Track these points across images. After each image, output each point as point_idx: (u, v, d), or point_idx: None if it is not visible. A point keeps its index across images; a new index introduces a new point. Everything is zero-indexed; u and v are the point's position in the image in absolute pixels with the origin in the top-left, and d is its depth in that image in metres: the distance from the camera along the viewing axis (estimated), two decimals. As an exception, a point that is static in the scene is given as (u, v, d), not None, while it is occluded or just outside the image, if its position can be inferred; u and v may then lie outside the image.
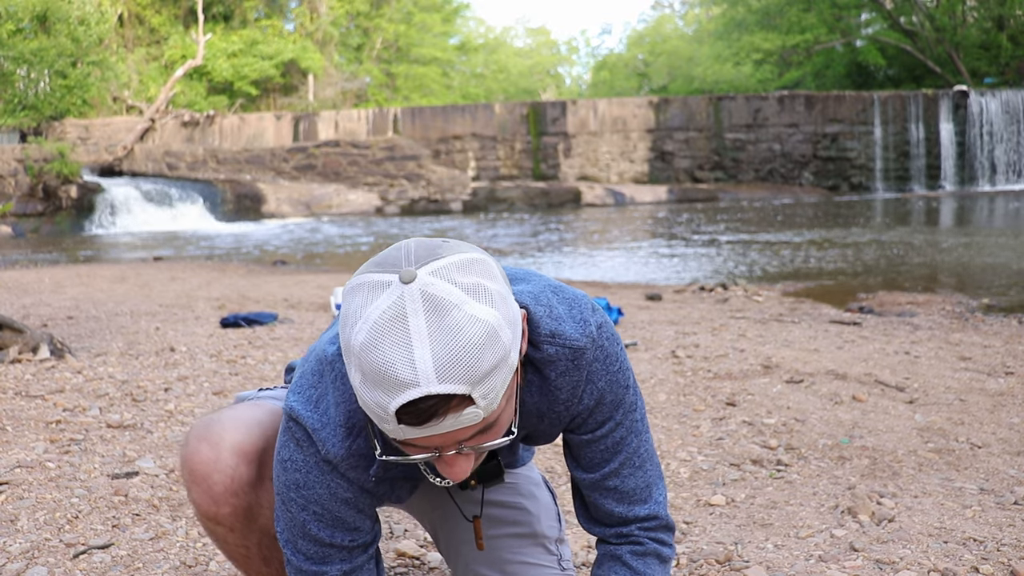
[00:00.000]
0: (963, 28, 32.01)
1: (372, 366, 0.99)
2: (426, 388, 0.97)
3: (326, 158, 26.18)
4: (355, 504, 1.28)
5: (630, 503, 1.41)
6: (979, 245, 12.22)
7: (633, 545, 1.43)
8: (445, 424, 1.02)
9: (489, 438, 1.10)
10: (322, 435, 1.22)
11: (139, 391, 3.72)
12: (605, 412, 1.34)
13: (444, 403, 1.00)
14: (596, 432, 1.36)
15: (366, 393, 1.01)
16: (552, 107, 27.82)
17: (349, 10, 34.98)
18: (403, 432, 1.03)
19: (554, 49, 55.72)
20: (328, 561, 1.30)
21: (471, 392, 1.00)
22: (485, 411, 1.03)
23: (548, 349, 1.24)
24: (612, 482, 1.39)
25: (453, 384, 0.98)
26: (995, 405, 3.56)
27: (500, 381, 1.03)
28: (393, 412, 1.00)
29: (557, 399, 1.30)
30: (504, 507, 1.64)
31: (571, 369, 1.27)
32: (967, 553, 2.10)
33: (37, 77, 25.21)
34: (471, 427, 1.05)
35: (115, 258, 14.20)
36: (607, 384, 1.31)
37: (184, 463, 1.38)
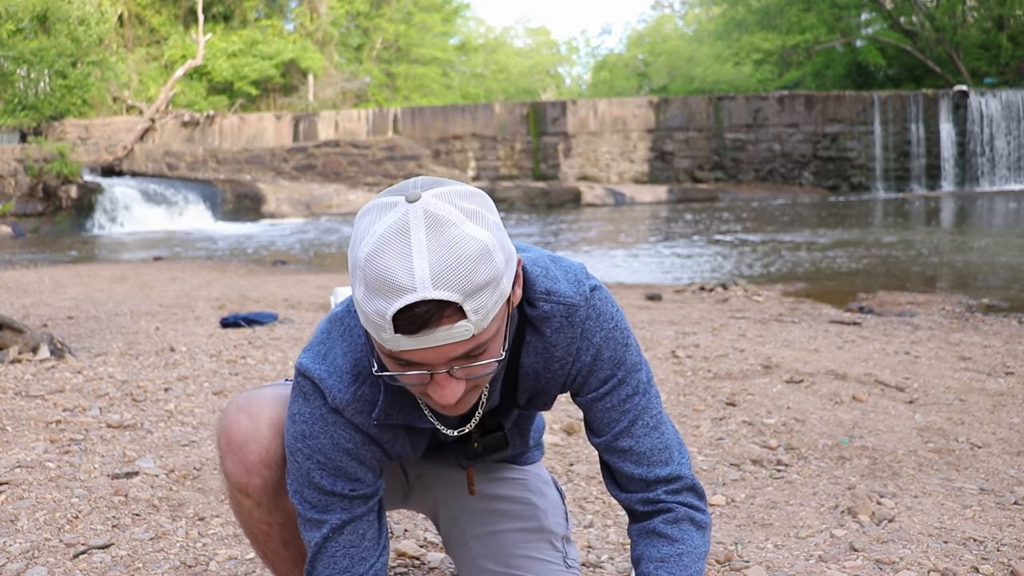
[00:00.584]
0: (963, 28, 32.01)
1: (374, 274, 1.06)
2: (422, 293, 1.05)
3: (326, 158, 26.18)
4: (356, 455, 1.34)
5: (649, 464, 1.39)
6: (979, 245, 12.22)
7: (664, 514, 1.40)
8: (438, 335, 1.08)
9: (479, 365, 1.15)
10: (328, 383, 1.30)
11: (139, 391, 3.72)
12: (606, 369, 1.36)
13: (437, 311, 1.06)
14: (599, 390, 1.37)
15: (367, 304, 1.08)
16: (552, 107, 27.82)
17: (349, 10, 34.98)
18: (399, 342, 1.09)
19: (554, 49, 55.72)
20: (330, 510, 1.35)
21: (463, 303, 1.07)
22: (476, 327, 1.09)
23: (543, 306, 1.31)
24: (625, 442, 1.39)
25: (447, 291, 1.05)
26: (995, 405, 3.56)
27: (491, 301, 1.10)
28: (390, 317, 1.06)
29: (553, 356, 1.34)
30: (512, 502, 1.65)
31: (566, 326, 1.32)
32: (967, 553, 2.10)
33: (37, 77, 25.21)
34: (462, 344, 1.10)
35: (115, 258, 14.21)
36: (603, 340, 1.34)
37: (222, 432, 1.44)
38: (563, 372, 1.37)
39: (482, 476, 1.68)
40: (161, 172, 25.61)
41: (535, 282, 1.31)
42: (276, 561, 1.54)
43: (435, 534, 2.32)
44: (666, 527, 1.40)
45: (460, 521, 1.67)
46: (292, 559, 1.53)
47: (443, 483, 1.68)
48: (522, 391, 1.41)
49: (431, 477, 1.69)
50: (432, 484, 1.68)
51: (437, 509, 1.70)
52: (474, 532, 1.64)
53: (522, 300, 1.32)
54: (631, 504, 1.43)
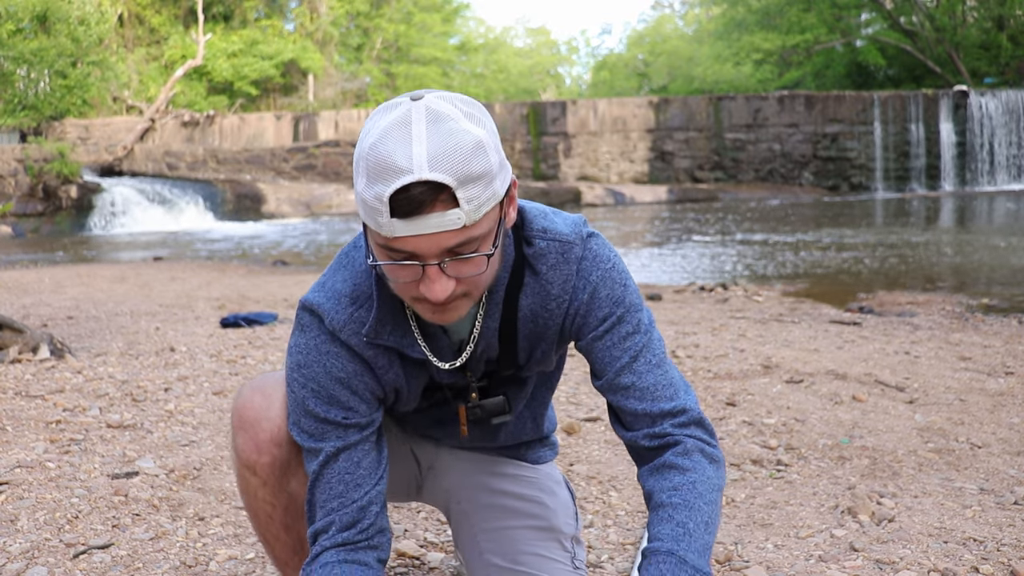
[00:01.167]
0: (963, 28, 32.02)
1: (375, 159, 1.14)
2: (418, 175, 1.11)
3: (326, 158, 26.17)
4: (349, 384, 1.38)
5: (653, 399, 1.38)
6: (979, 245, 12.22)
7: (672, 447, 1.37)
8: (430, 221, 1.14)
9: (469, 260, 1.20)
10: (326, 307, 1.36)
11: (139, 391, 3.72)
12: (604, 307, 1.38)
13: (432, 194, 1.12)
14: (598, 329, 1.39)
15: (368, 191, 1.15)
16: (552, 107, 27.83)
17: (349, 10, 34.98)
18: (394, 227, 1.14)
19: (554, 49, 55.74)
20: (325, 437, 1.39)
21: (456, 189, 1.13)
22: (467, 217, 1.15)
23: (539, 243, 1.37)
24: (627, 379, 1.38)
25: (441, 174, 1.12)
26: (995, 405, 3.56)
27: (484, 195, 1.15)
28: (387, 199, 1.12)
29: (549, 295, 1.38)
30: (523, 499, 1.65)
31: (561, 263, 1.37)
32: (967, 553, 2.10)
33: (37, 77, 25.21)
34: (453, 234, 1.15)
35: (115, 258, 14.21)
36: (600, 279, 1.38)
37: (236, 410, 1.47)
38: (560, 312, 1.39)
39: (493, 472, 1.68)
40: (161, 172, 25.61)
41: (532, 221, 1.38)
42: (276, 545, 1.55)
43: (435, 534, 2.32)
44: (676, 459, 1.36)
45: (470, 516, 1.67)
46: (292, 545, 1.54)
47: (455, 475, 1.69)
48: (521, 339, 1.42)
49: (443, 469, 1.69)
50: (443, 477, 1.69)
51: (448, 503, 1.71)
52: (483, 527, 1.65)
53: (520, 240, 1.37)
54: (637, 441, 1.40)
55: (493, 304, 1.39)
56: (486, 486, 1.66)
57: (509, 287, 1.38)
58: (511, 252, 1.37)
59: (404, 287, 1.24)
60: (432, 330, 1.39)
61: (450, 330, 1.41)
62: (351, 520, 1.38)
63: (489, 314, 1.39)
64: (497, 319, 1.40)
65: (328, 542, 1.39)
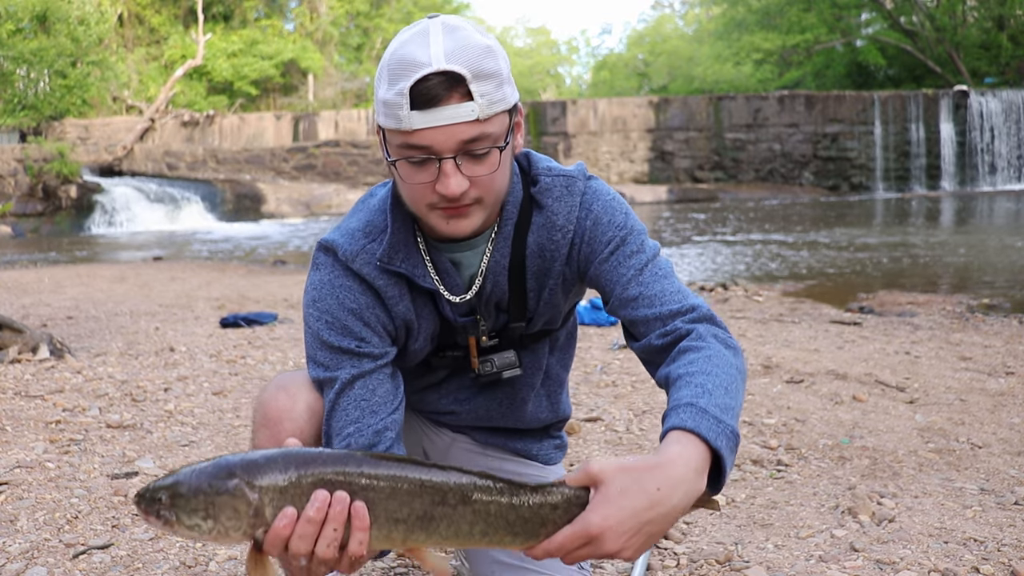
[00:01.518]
0: (963, 28, 32.01)
1: (396, 60, 1.26)
2: (436, 66, 1.23)
3: (326, 158, 26.17)
4: (361, 316, 1.43)
5: (662, 303, 1.37)
6: (979, 245, 12.22)
7: (686, 337, 1.33)
8: (446, 113, 1.24)
9: (482, 163, 1.28)
10: (340, 242, 1.45)
11: (139, 391, 3.72)
12: (608, 231, 1.44)
13: (448, 86, 1.23)
14: (604, 251, 1.43)
15: (389, 91, 1.26)
16: (552, 107, 27.82)
17: (349, 10, 34.99)
18: (413, 120, 1.24)
19: (554, 49, 55.76)
20: (339, 367, 1.43)
21: (470, 82, 1.24)
22: (480, 112, 1.25)
23: (544, 179, 1.46)
24: (634, 289, 1.39)
25: (457, 66, 1.23)
26: (995, 405, 3.56)
27: (496, 94, 1.27)
28: (408, 91, 1.23)
29: (555, 225, 1.45)
30: None
31: (565, 195, 1.45)
32: (967, 553, 2.10)
33: (37, 77, 25.20)
34: (467, 126, 1.25)
35: (115, 258, 14.20)
36: (602, 207, 1.45)
37: (260, 406, 1.49)
38: (565, 241, 1.45)
39: (505, 469, 1.68)
40: (161, 172, 25.61)
41: (538, 163, 1.49)
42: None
43: (435, 534, 2.31)
44: (689, 343, 1.32)
45: None
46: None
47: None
48: (529, 277, 1.47)
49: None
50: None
51: None
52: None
53: (526, 179, 1.47)
54: (650, 343, 1.36)
55: (502, 239, 1.45)
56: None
57: (517, 225, 1.44)
58: (519, 191, 1.45)
59: (420, 191, 1.30)
60: (443, 265, 1.44)
61: (460, 264, 1.46)
62: (367, 444, 1.40)
63: (498, 248, 1.45)
64: (507, 256, 1.45)
65: None
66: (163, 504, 1.03)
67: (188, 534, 1.04)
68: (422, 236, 1.45)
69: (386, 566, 2.13)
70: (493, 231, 1.45)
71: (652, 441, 3.12)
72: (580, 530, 1.07)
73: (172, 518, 1.03)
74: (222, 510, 1.03)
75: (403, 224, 1.43)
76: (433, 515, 1.10)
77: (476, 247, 1.45)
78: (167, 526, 1.04)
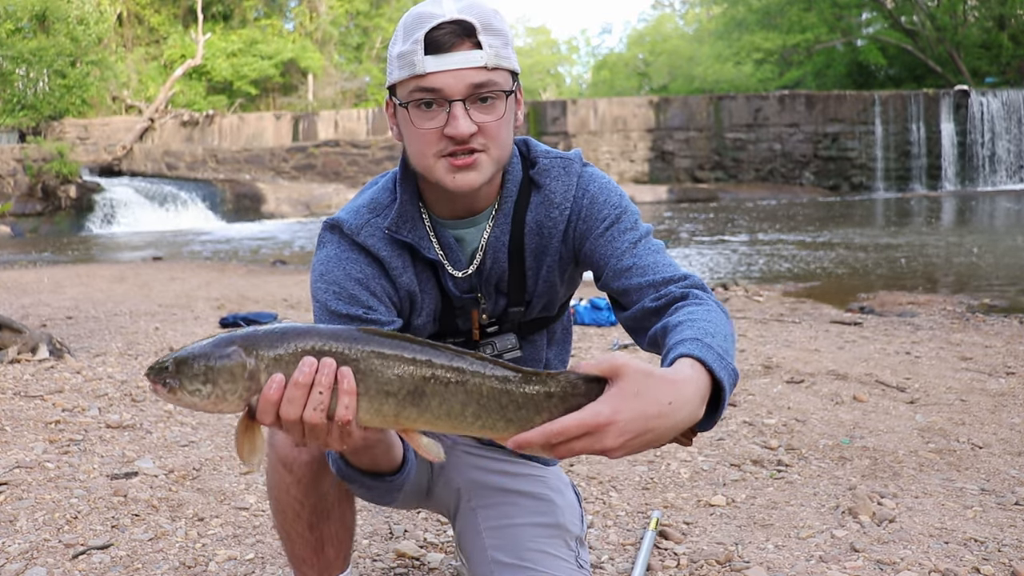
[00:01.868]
0: (964, 27, 32.01)
1: (411, 16, 1.36)
2: (448, 16, 1.33)
3: (326, 158, 26.16)
4: (367, 285, 1.47)
5: (655, 272, 1.41)
6: (980, 245, 12.22)
7: (680, 299, 1.36)
8: (457, 58, 1.32)
9: (489, 110, 1.35)
10: (345, 218, 1.50)
11: (138, 391, 3.72)
12: (604, 209, 1.50)
13: (459, 35, 1.32)
14: (600, 227, 1.48)
15: (404, 43, 1.35)
16: (552, 107, 27.82)
17: (349, 9, 34.98)
18: (426, 64, 1.32)
19: (554, 49, 55.74)
20: None
21: (479, 32, 1.33)
22: (488, 60, 1.33)
23: (543, 161, 1.53)
24: (628, 260, 1.44)
25: (467, 16, 1.33)
26: (996, 405, 3.56)
27: (502, 51, 1.35)
28: (423, 37, 1.32)
29: (552, 203, 1.51)
30: (530, 497, 1.66)
31: (563, 175, 1.52)
32: (968, 554, 2.10)
33: (36, 77, 25.20)
34: (476, 71, 1.33)
35: (114, 258, 14.20)
36: (598, 188, 1.51)
37: None
38: (563, 219, 1.50)
39: (504, 472, 1.69)
40: (160, 172, 25.60)
41: (537, 147, 1.55)
42: (298, 542, 1.56)
43: (435, 534, 2.31)
44: (687, 301, 1.35)
45: (477, 513, 1.67)
46: (313, 544, 1.55)
47: (466, 474, 1.70)
48: (528, 255, 1.51)
49: (454, 470, 1.70)
50: (455, 477, 1.70)
51: (458, 502, 1.71)
52: (489, 524, 1.65)
53: (526, 163, 1.53)
54: (643, 305, 1.39)
55: (502, 215, 1.50)
56: (499, 485, 1.67)
57: (517, 203, 1.50)
58: (519, 171, 1.51)
59: (428, 137, 1.36)
60: (446, 240, 1.49)
61: (463, 240, 1.50)
62: None
63: (498, 224, 1.50)
64: (506, 232, 1.50)
65: None
66: (168, 372, 1.09)
67: (190, 401, 1.09)
68: (426, 211, 1.50)
69: (386, 567, 2.13)
70: (494, 208, 1.50)
71: (652, 441, 3.11)
72: (588, 418, 1.06)
73: (175, 384, 1.09)
74: (220, 374, 1.09)
75: (410, 198, 1.48)
76: (424, 391, 1.11)
77: (477, 224, 1.50)
78: (171, 394, 1.10)
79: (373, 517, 2.40)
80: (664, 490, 2.63)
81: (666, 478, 2.73)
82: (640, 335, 1.42)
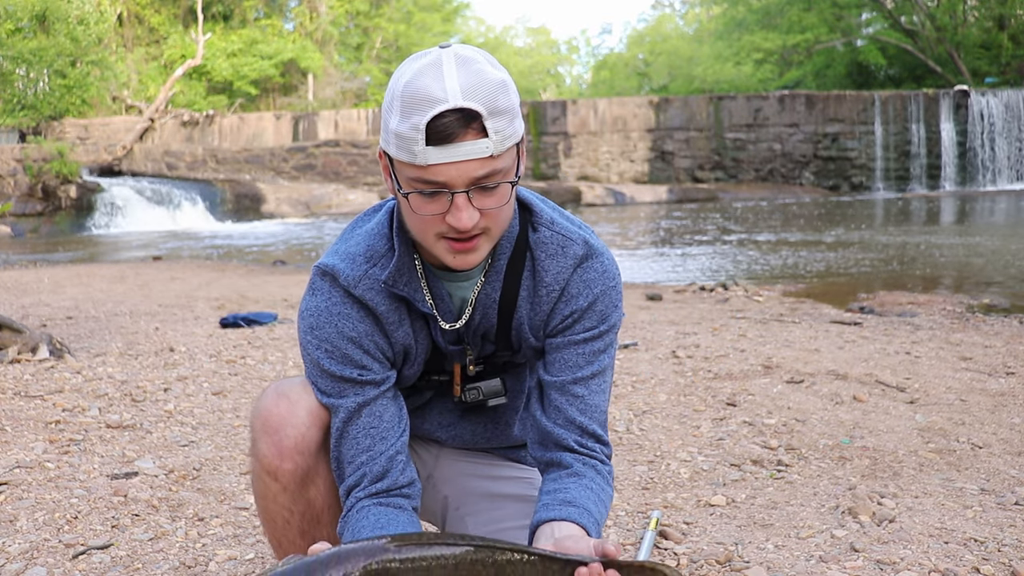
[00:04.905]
0: (964, 27, 32.01)
1: (411, 93, 1.24)
2: (453, 102, 1.22)
3: (326, 158, 26.16)
4: (360, 344, 1.44)
5: (590, 417, 1.48)
6: (980, 245, 12.22)
7: (592, 462, 1.48)
8: (462, 150, 1.24)
9: (493, 196, 1.30)
10: (340, 267, 1.44)
11: (138, 391, 3.72)
12: (593, 320, 1.47)
13: (464, 123, 1.23)
14: (580, 335, 1.47)
15: (403, 125, 1.25)
16: (552, 107, 27.81)
17: (349, 10, 34.97)
18: (428, 155, 1.24)
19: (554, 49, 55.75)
20: (343, 395, 1.45)
21: (486, 119, 1.24)
22: (495, 147, 1.25)
23: (544, 231, 1.46)
24: (580, 389, 1.47)
25: (473, 103, 1.23)
26: (996, 405, 3.56)
27: (509, 129, 1.27)
28: (424, 127, 1.23)
29: (542, 282, 1.46)
30: (521, 500, 1.66)
31: (558, 254, 1.46)
32: (968, 554, 2.10)
33: (36, 77, 25.19)
34: (481, 162, 1.25)
35: (114, 258, 14.20)
36: (602, 293, 1.47)
37: (259, 414, 1.49)
38: (549, 302, 1.46)
39: (493, 476, 1.68)
40: (160, 172, 25.59)
41: (541, 213, 1.47)
42: (290, 549, 1.56)
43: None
44: (589, 470, 1.47)
45: (466, 520, 1.67)
46: (305, 551, 1.54)
47: (454, 482, 1.69)
48: (517, 314, 1.49)
49: (442, 478, 1.70)
50: (443, 485, 1.70)
51: (446, 510, 1.71)
52: (478, 531, 1.64)
53: (526, 226, 1.47)
54: (566, 440, 1.48)
55: (494, 272, 1.46)
56: (486, 491, 1.66)
57: (511, 261, 1.46)
58: (515, 227, 1.45)
59: (429, 222, 1.31)
60: (438, 291, 1.46)
61: (454, 294, 1.48)
62: (381, 471, 1.43)
63: (489, 281, 1.46)
64: (497, 289, 1.47)
65: (362, 493, 1.44)
66: None
67: None
68: (420, 263, 1.46)
69: (386, 566, 2.13)
70: (487, 264, 1.46)
71: (652, 441, 3.11)
72: None
73: None
74: None
75: (406, 249, 1.43)
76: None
77: (471, 277, 1.47)
78: None
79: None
80: (664, 490, 2.63)
81: (666, 478, 2.73)
82: (540, 444, 1.50)
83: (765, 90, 31.36)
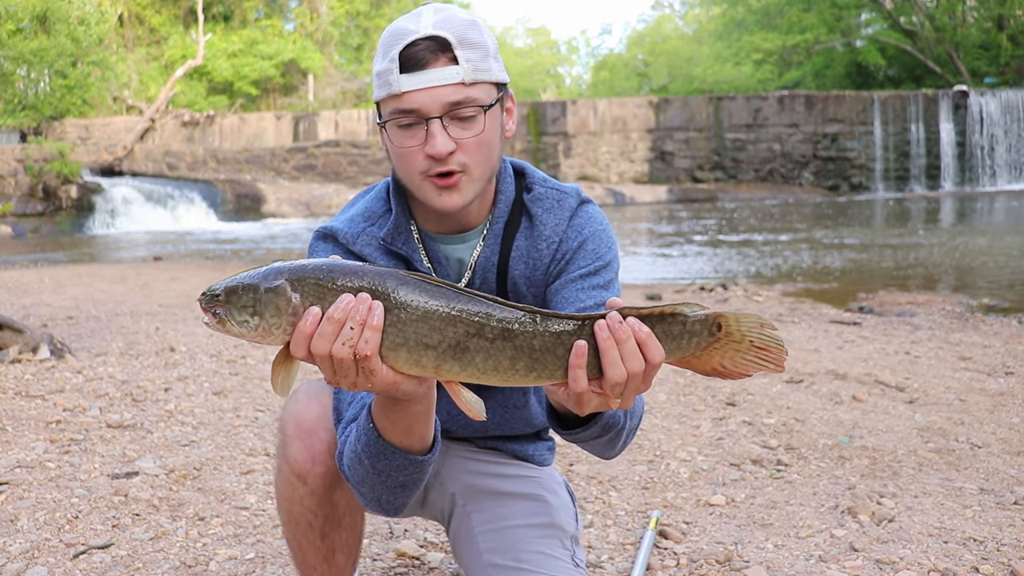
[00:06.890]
0: (963, 28, 32.01)
1: (389, 33, 1.36)
2: (424, 32, 1.32)
3: (326, 158, 26.17)
4: None
5: None
6: (979, 245, 12.22)
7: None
8: (432, 75, 1.32)
9: (468, 126, 1.35)
10: (339, 227, 1.50)
11: (139, 391, 3.72)
12: (588, 258, 1.49)
13: (434, 51, 1.32)
14: (576, 272, 1.49)
15: (381, 61, 1.35)
16: (552, 107, 27.81)
17: (349, 10, 34.97)
18: (401, 83, 1.32)
19: (554, 49, 55.75)
20: None
21: (455, 48, 1.32)
22: (464, 75, 1.32)
23: (538, 189, 1.52)
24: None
25: (442, 32, 1.32)
26: (995, 405, 3.56)
27: (481, 64, 1.34)
28: (397, 55, 1.32)
29: (541, 235, 1.50)
30: (525, 498, 1.66)
31: (555, 207, 1.51)
32: (967, 553, 2.10)
33: (37, 77, 25.19)
34: (453, 88, 1.32)
35: (115, 258, 14.20)
36: (592, 234, 1.50)
37: (292, 417, 1.50)
38: (549, 252, 1.50)
39: (498, 475, 1.69)
40: (161, 172, 25.59)
41: (535, 173, 1.55)
42: (309, 551, 1.57)
43: (435, 534, 2.32)
44: None
45: (472, 516, 1.68)
46: (324, 553, 1.56)
47: (460, 479, 1.70)
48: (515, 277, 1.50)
49: (448, 475, 1.70)
50: (449, 482, 1.70)
51: (453, 507, 1.71)
52: (484, 528, 1.65)
53: (521, 188, 1.52)
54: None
55: (492, 235, 1.50)
56: (491, 488, 1.67)
57: (507, 224, 1.49)
58: (511, 191, 1.51)
59: (410, 156, 1.35)
60: (435, 254, 1.49)
61: (451, 257, 1.50)
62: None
63: (488, 244, 1.50)
64: (496, 252, 1.50)
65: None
66: (219, 301, 1.11)
67: (238, 332, 1.11)
68: (416, 226, 1.50)
69: (386, 566, 2.13)
70: (485, 227, 1.49)
71: (652, 441, 3.12)
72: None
73: (225, 315, 1.11)
74: (267, 307, 1.10)
75: (403, 211, 1.48)
76: (467, 346, 1.10)
77: (468, 241, 1.50)
78: (220, 324, 1.12)
79: (373, 516, 2.40)
80: (664, 490, 2.63)
81: (666, 478, 2.74)
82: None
83: (765, 90, 31.37)
